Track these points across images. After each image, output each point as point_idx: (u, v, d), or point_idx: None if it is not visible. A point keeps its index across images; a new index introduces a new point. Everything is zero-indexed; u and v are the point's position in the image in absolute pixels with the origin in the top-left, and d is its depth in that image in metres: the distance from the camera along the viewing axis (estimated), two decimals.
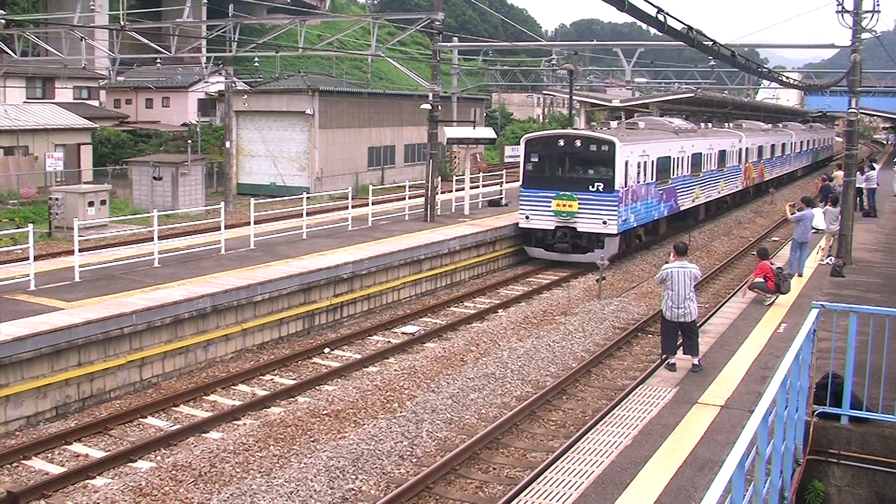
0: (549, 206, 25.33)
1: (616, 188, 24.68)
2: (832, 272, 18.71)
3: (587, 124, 45.33)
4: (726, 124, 46.15)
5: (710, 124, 43.22)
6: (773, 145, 48.87)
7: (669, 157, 29.45)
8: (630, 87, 55.79)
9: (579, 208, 24.94)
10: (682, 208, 31.47)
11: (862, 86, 22.23)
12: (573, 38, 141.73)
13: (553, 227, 25.46)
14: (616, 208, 24.67)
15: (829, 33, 32.77)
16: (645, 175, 26.91)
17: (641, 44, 54.74)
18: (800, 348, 8.29)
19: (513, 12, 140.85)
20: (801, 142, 59.50)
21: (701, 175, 33.56)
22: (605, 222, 24.69)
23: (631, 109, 46.57)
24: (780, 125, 57.39)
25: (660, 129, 31.41)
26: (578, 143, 25.50)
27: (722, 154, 36.76)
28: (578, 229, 25.08)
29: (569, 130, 28.32)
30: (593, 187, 24.87)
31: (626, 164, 25.16)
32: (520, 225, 26.07)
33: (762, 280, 16.26)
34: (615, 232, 24.83)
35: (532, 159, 26.20)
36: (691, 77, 65.60)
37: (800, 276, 18.75)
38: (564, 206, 25.12)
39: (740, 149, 40.24)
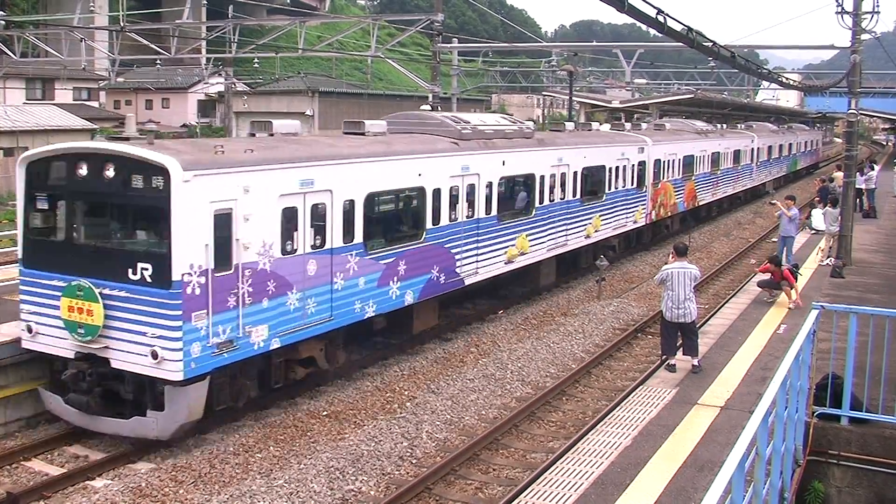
0: (58, 309, 12.11)
1: (175, 274, 11.13)
2: (832, 273, 18.75)
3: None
4: (627, 125, 32.65)
5: (581, 127, 27.28)
6: (715, 154, 35.26)
7: (420, 190, 16.00)
8: (630, 89, 55.84)
9: (107, 318, 11.60)
10: (473, 280, 17.84)
11: (861, 87, 22.29)
12: (573, 39, 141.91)
13: (72, 355, 12.14)
14: (178, 321, 11.16)
15: (829, 34, 32.42)
16: (321, 235, 13.45)
17: (641, 45, 54.89)
18: (800, 349, 8.30)
19: (512, 13, 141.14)
20: (770, 147, 46.96)
21: (534, 213, 20.08)
22: (155, 354, 11.25)
23: (631, 111, 46.65)
24: (741, 125, 46.55)
25: (405, 137, 17.03)
26: (110, 171, 11.74)
27: (589, 174, 23.06)
28: (113, 364, 11.75)
29: (86, 143, 14.56)
30: (135, 272, 11.47)
31: (226, 218, 11.70)
32: (23, 344, 12.72)
33: (787, 281, 16.54)
34: (180, 375, 11.23)
35: (39, 205, 12.85)
36: (691, 78, 65.66)
37: None
38: (80, 310, 11.84)
39: (642, 161, 26.76)
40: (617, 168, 24.90)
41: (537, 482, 9.13)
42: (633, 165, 26.09)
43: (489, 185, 18.09)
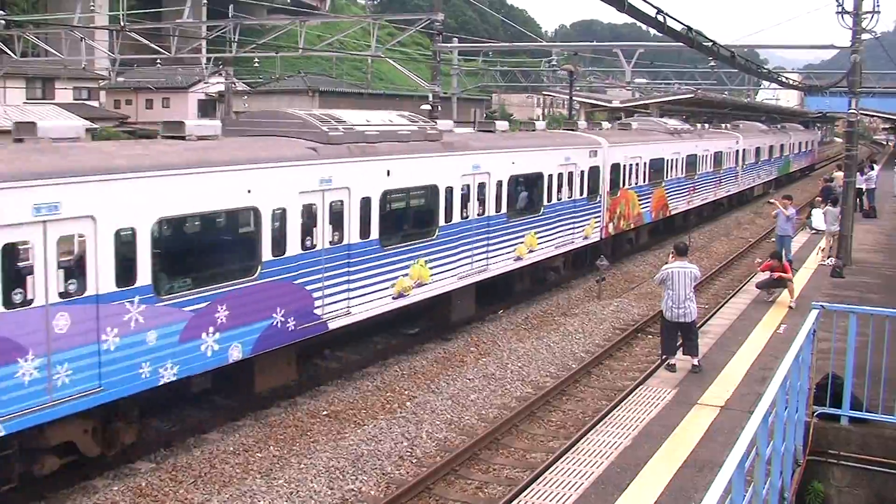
0: None
1: None
2: (832, 273, 18.76)
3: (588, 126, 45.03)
4: (582, 124, 28.81)
5: (523, 127, 24.25)
6: (691, 157, 31.71)
7: (252, 211, 12.37)
8: (630, 88, 55.81)
9: None
10: (343, 322, 14.26)
11: (862, 87, 22.29)
12: (573, 39, 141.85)
13: None
14: None
15: (829, 34, 32.38)
16: (77, 278, 9.95)
17: (641, 45, 54.72)
18: (800, 349, 8.30)
19: (513, 13, 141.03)
20: (758, 148, 43.92)
21: (437, 234, 16.42)
22: None
23: (631, 110, 46.65)
24: (727, 126, 43.43)
25: (237, 142, 13.19)
26: None
27: (520, 183, 19.62)
28: None
29: None
30: None
31: None
32: None
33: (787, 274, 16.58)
34: None
35: None
36: (691, 78, 65.61)
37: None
38: None
39: (595, 166, 23.05)
40: (560, 175, 21.04)
41: (537, 482, 9.14)
42: (583, 172, 22.30)
43: (366, 202, 14.30)
